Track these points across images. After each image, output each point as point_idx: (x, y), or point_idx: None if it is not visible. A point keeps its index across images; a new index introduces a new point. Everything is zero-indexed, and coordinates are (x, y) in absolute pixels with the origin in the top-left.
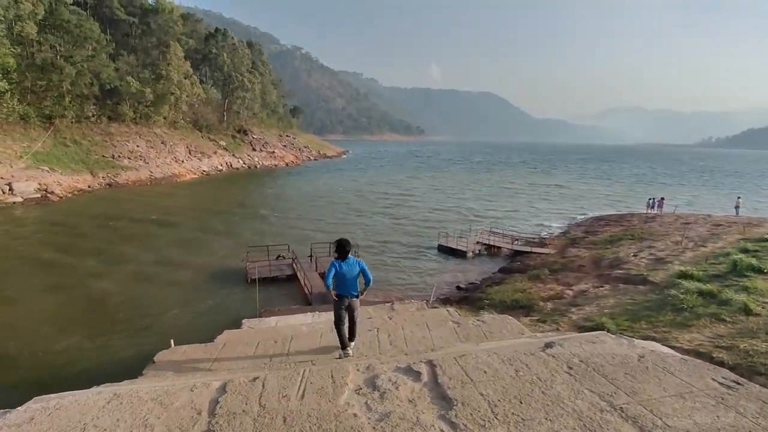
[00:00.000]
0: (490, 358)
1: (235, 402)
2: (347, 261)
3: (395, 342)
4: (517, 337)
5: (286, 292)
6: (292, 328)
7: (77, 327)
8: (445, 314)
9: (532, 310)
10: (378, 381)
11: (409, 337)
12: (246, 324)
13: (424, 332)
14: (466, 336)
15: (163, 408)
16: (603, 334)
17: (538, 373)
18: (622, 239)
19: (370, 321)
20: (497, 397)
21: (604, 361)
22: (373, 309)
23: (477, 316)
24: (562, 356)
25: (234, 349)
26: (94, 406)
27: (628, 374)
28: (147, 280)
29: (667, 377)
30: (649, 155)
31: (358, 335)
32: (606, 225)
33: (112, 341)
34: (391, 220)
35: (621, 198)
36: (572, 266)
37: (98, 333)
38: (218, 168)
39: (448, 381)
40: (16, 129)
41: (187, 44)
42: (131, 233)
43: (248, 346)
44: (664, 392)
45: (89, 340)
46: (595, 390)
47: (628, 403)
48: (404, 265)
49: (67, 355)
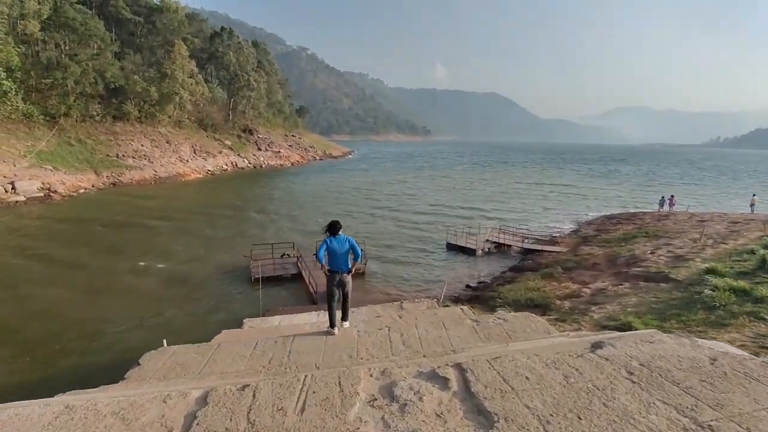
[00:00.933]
0: (530, 361)
1: (217, 417)
2: (338, 237)
3: (409, 342)
4: (547, 337)
5: (290, 291)
6: (296, 328)
7: (66, 328)
8: (459, 312)
9: (548, 309)
10: (396, 390)
11: (425, 337)
12: (247, 323)
13: (440, 331)
14: (488, 335)
15: (125, 425)
16: (657, 333)
17: (593, 380)
18: (637, 237)
19: (379, 320)
20: (548, 410)
21: (670, 365)
22: (382, 308)
23: (495, 313)
24: (617, 359)
25: (229, 350)
26: (38, 422)
27: (704, 381)
28: (147, 279)
29: (755, 385)
30: (657, 155)
31: (366, 333)
32: (618, 223)
33: (104, 341)
34: (398, 219)
35: (630, 198)
36: (586, 264)
37: (88, 334)
38: (223, 168)
39: (483, 390)
40: (20, 128)
41: (192, 43)
42: (132, 232)
43: (245, 347)
44: (757, 405)
45: (79, 341)
46: (669, 401)
47: (717, 420)
48: (412, 264)
49: (54, 356)
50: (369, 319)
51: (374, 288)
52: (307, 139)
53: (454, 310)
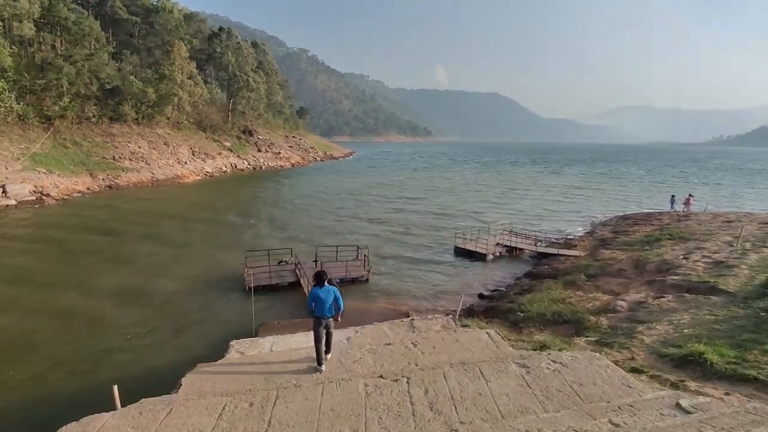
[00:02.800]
0: None
1: None
2: (323, 288)
3: (438, 405)
4: (631, 392)
5: (288, 301)
6: (288, 355)
7: (21, 354)
8: (486, 339)
9: (582, 328)
10: None
11: (459, 396)
12: (234, 347)
13: (478, 384)
14: (547, 393)
15: None
16: None
17: None
18: (661, 239)
19: (389, 350)
20: None
21: None
22: (390, 327)
23: (545, 352)
24: None
25: (184, 422)
26: None
27: None
28: (128, 290)
29: None
30: (660, 154)
31: (377, 389)
32: (634, 224)
33: (58, 375)
34: (402, 221)
35: (638, 197)
36: (610, 270)
37: (42, 364)
38: (222, 169)
39: None
40: (14, 130)
41: (190, 44)
42: (121, 238)
43: (208, 414)
44: None
45: (36, 374)
46: None
47: None
48: (418, 270)
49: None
50: (376, 345)
51: (379, 298)
52: (307, 140)
53: (479, 336)
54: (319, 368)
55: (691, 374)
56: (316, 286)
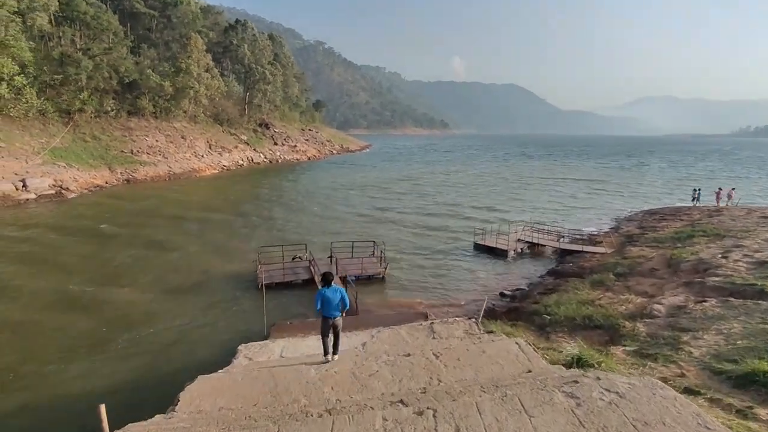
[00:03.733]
0: None
1: None
2: (330, 288)
3: None
4: None
5: (302, 299)
6: (293, 378)
7: (37, 351)
8: (514, 351)
9: (617, 335)
10: None
11: None
12: (242, 352)
13: (520, 419)
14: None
15: None
16: None
17: None
18: (694, 236)
19: (409, 363)
20: None
21: None
22: (408, 331)
23: (590, 373)
24: None
25: None
26: None
27: None
28: (140, 288)
29: None
30: (684, 146)
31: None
32: (662, 219)
33: (71, 366)
34: (418, 216)
35: (662, 192)
36: (641, 269)
37: (56, 358)
38: (239, 163)
39: None
40: (35, 125)
41: (207, 37)
42: (135, 233)
43: None
44: None
45: (44, 370)
46: None
47: None
48: (436, 267)
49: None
50: (394, 356)
51: (395, 297)
52: (324, 133)
53: (507, 346)
54: (325, 358)
55: (756, 397)
56: (324, 287)
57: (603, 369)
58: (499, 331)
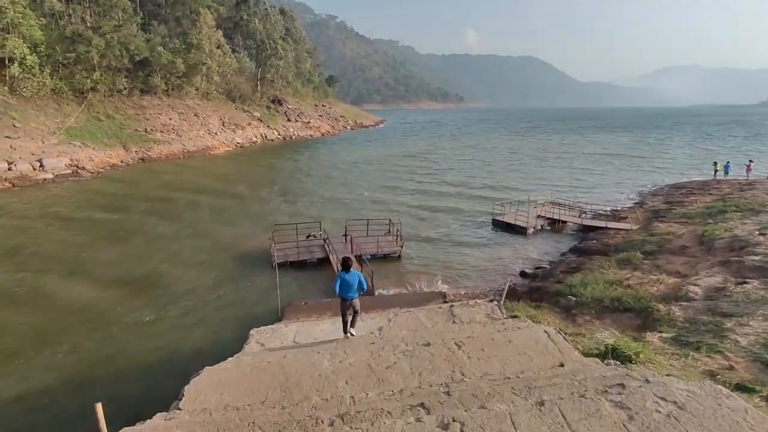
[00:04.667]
0: None
1: None
2: (349, 273)
3: None
4: None
5: (316, 278)
6: (305, 370)
7: (46, 339)
8: (543, 340)
9: (651, 319)
10: None
11: None
12: (254, 337)
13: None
14: None
15: None
16: None
17: None
18: (726, 211)
19: (429, 354)
20: None
21: None
22: (427, 315)
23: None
24: None
25: None
26: None
27: None
28: (151, 269)
29: None
30: (708, 117)
31: None
32: (689, 194)
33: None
34: (434, 191)
35: (686, 165)
36: (671, 247)
37: (74, 340)
38: (252, 140)
39: None
40: (50, 104)
41: (217, 12)
42: (150, 212)
43: None
44: None
45: (57, 355)
46: None
47: None
48: (454, 244)
49: None
50: (413, 344)
51: (412, 277)
52: (337, 108)
53: (535, 334)
54: (345, 336)
55: None
56: (343, 271)
57: (642, 361)
58: (523, 316)
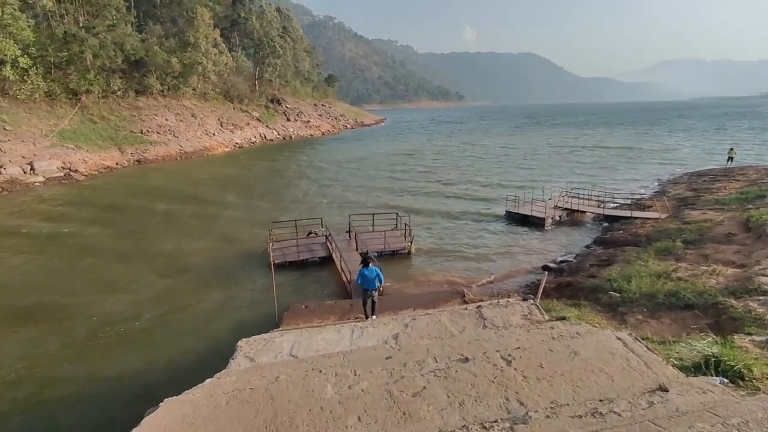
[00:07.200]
0: None
1: None
2: (368, 268)
3: None
4: None
5: (319, 279)
6: (302, 399)
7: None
8: (620, 351)
9: (726, 318)
10: None
11: None
12: (242, 350)
13: None
14: None
15: None
16: None
17: None
18: (766, 196)
19: (469, 374)
20: None
21: None
22: (450, 318)
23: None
24: None
25: None
26: None
27: None
28: (133, 271)
29: None
30: (710, 110)
31: None
32: (714, 180)
33: (63, 359)
34: (442, 186)
35: (697, 155)
36: (713, 235)
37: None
38: (251, 140)
39: None
40: (42, 107)
41: (214, 11)
42: (145, 214)
43: None
44: None
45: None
46: None
47: None
48: (467, 238)
49: None
50: (443, 358)
51: (426, 275)
52: (337, 108)
53: (606, 342)
54: (366, 322)
55: None
56: (363, 267)
57: (757, 377)
58: (572, 316)
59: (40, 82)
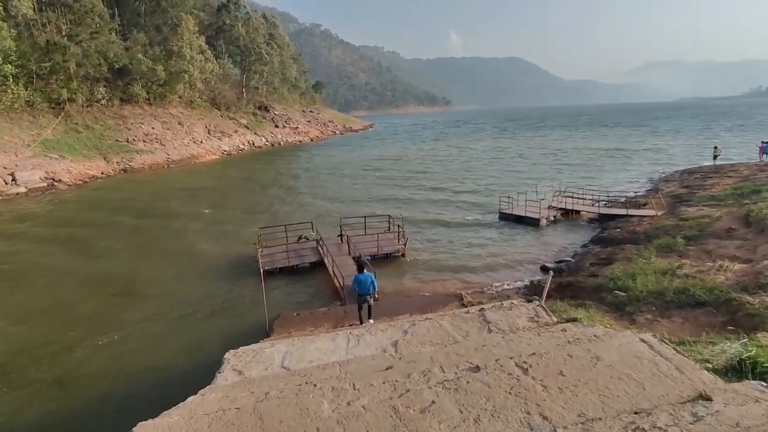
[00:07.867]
0: None
1: None
2: (364, 274)
3: None
4: None
5: (310, 284)
6: (294, 419)
7: None
8: (648, 356)
9: (741, 315)
10: None
11: None
12: (229, 363)
13: None
14: None
15: None
16: None
17: None
18: (761, 191)
19: (483, 386)
20: None
21: None
22: (452, 322)
23: None
24: None
25: None
26: None
27: None
28: (115, 280)
29: None
30: (693, 110)
31: None
32: (706, 177)
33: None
34: (432, 190)
35: (685, 153)
36: (713, 230)
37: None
38: (239, 147)
39: None
40: (24, 117)
41: (199, 18)
42: (129, 222)
43: None
44: None
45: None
46: None
47: None
48: (461, 241)
49: None
50: (451, 368)
51: (421, 278)
52: (325, 114)
53: (630, 346)
54: (361, 325)
55: None
56: (359, 273)
57: None
58: (584, 318)
59: (21, 92)
